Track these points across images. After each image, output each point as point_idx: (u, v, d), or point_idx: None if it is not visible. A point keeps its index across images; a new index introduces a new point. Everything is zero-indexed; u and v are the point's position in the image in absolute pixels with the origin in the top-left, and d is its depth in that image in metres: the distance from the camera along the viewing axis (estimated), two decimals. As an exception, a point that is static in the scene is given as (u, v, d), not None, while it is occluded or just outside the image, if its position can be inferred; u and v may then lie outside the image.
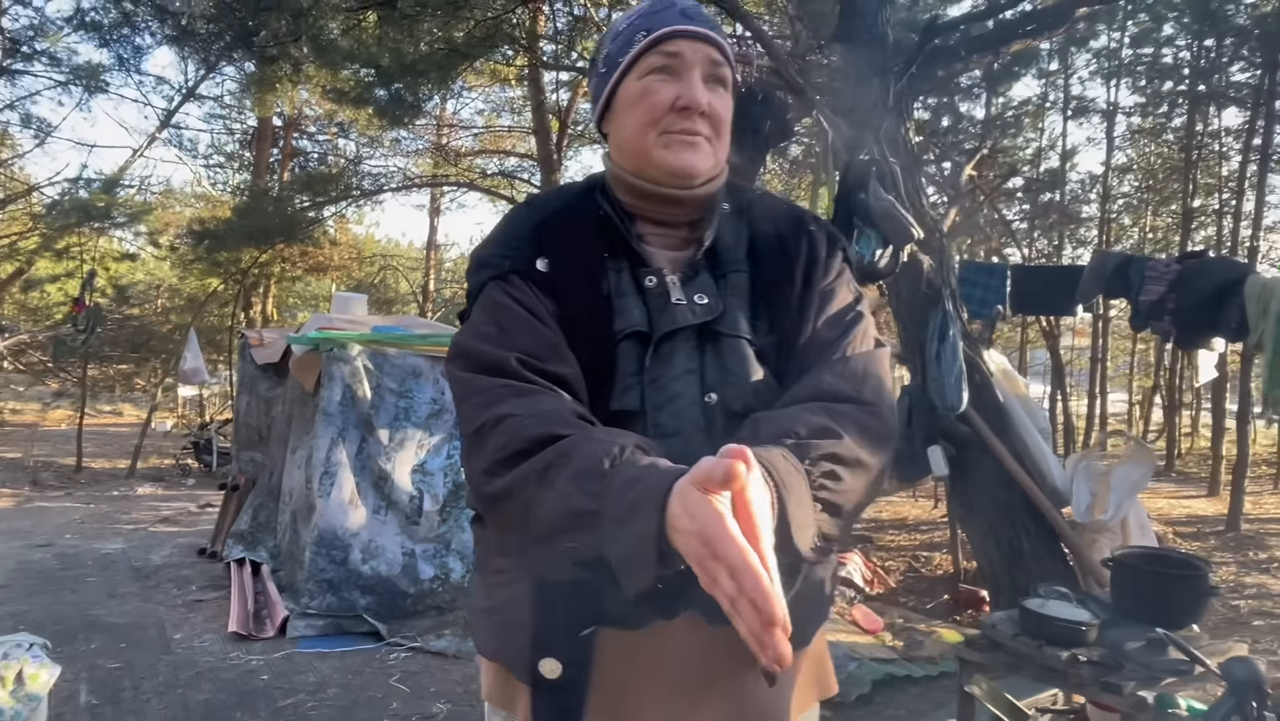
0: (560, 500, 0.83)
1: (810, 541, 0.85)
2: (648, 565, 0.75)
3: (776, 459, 0.84)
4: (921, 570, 6.27)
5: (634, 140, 1.08)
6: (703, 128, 1.07)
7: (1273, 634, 5.01)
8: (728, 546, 0.68)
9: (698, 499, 0.72)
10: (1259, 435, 16.29)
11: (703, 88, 1.06)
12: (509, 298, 1.05)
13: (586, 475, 0.82)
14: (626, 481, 0.79)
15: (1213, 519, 8.53)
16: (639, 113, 1.07)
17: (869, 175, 4.01)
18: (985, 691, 2.82)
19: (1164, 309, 4.10)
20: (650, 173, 1.08)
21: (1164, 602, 2.67)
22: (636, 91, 1.08)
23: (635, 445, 0.85)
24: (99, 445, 13.14)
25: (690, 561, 0.72)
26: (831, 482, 0.90)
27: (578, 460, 0.84)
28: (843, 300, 1.13)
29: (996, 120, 12.51)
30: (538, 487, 0.86)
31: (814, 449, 0.90)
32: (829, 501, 0.89)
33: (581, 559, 0.84)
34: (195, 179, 18.72)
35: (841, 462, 0.92)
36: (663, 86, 1.06)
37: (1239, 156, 11.46)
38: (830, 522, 0.89)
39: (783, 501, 0.80)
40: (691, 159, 1.07)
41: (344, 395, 4.97)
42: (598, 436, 0.87)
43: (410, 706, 3.73)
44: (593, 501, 0.80)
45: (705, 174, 1.09)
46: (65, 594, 5.30)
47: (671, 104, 1.06)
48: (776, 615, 0.66)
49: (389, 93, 9.01)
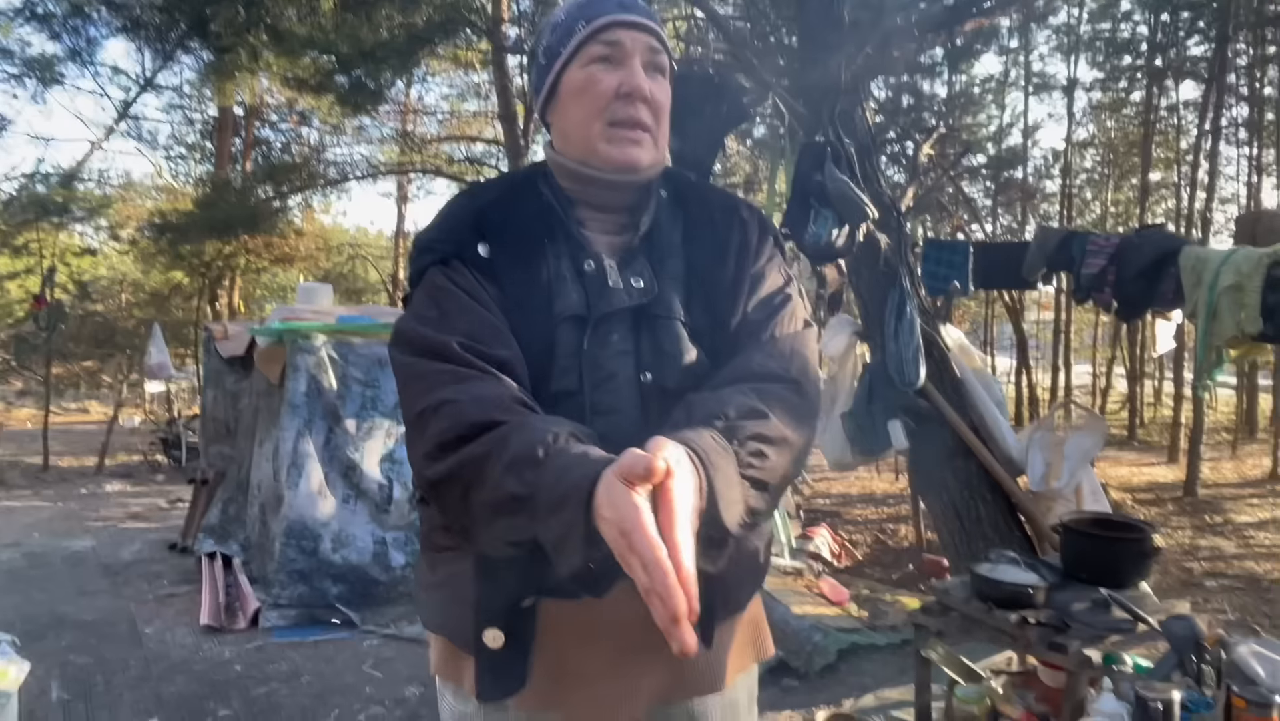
0: (497, 486, 0.86)
1: (739, 517, 0.89)
2: (576, 550, 0.80)
3: (705, 440, 0.88)
4: (887, 542, 6.39)
5: (579, 129, 1.12)
6: (645, 115, 1.11)
7: (1224, 593, 5.18)
8: (641, 541, 0.72)
9: (620, 492, 0.75)
10: (1219, 403, 16.68)
11: (644, 75, 1.10)
12: (450, 282, 1.07)
13: (522, 462, 0.85)
14: (559, 469, 0.83)
15: (1171, 485, 8.75)
16: (584, 101, 1.11)
17: (824, 156, 4.05)
18: (941, 655, 2.91)
19: (1105, 281, 4.22)
20: (594, 161, 1.12)
21: (1110, 565, 2.76)
22: (579, 81, 1.11)
23: (570, 433, 0.88)
24: (66, 443, 12.96)
25: (611, 547, 0.76)
26: (758, 460, 0.94)
27: (514, 447, 0.87)
28: (773, 284, 1.17)
29: (959, 98, 12.63)
30: (476, 473, 0.89)
31: (742, 429, 0.94)
32: (756, 478, 0.93)
33: (517, 540, 0.88)
34: (156, 171, 18.41)
35: (768, 441, 0.96)
36: (605, 75, 1.10)
37: (1195, 130, 11.67)
38: (758, 497, 0.93)
39: (711, 481, 0.84)
40: (635, 153, 1.11)
41: (309, 386, 4.97)
42: (534, 424, 0.90)
43: (384, 691, 3.77)
44: (527, 488, 0.84)
45: (648, 165, 1.13)
46: (34, 592, 5.27)
47: (615, 91, 1.09)
48: (680, 611, 0.70)
49: (350, 79, 8.89)
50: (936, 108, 11.97)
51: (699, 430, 0.90)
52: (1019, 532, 4.57)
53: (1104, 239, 4.32)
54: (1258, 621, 4.52)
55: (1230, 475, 9.63)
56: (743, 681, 1.24)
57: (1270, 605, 4.95)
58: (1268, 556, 6.05)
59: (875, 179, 4.91)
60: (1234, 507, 7.69)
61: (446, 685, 1.18)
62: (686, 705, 1.18)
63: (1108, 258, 4.20)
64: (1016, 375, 13.74)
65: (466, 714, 1.15)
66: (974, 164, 13.66)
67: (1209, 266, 3.84)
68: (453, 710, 1.17)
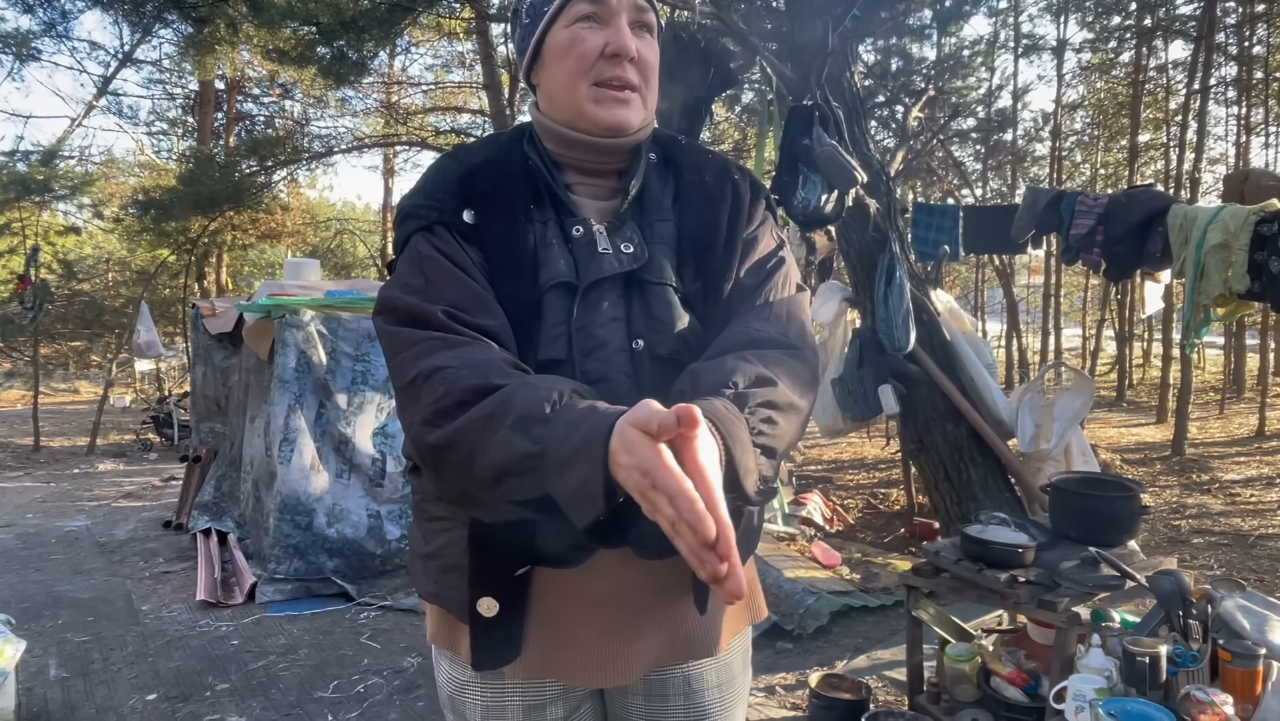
0: (505, 445, 0.85)
1: (755, 485, 0.88)
2: (595, 500, 0.79)
3: (719, 409, 0.87)
4: (879, 506, 6.44)
5: (566, 91, 1.09)
6: (632, 75, 1.08)
7: (1210, 550, 5.25)
8: (665, 476, 0.72)
9: (635, 436, 0.75)
10: (1207, 363, 16.80)
11: (630, 34, 1.07)
12: (435, 250, 1.05)
13: (530, 419, 0.84)
14: (569, 424, 0.82)
15: (1160, 445, 8.83)
16: (570, 62, 1.07)
17: (812, 120, 4.03)
18: (932, 615, 2.95)
19: (1094, 241, 4.22)
20: (582, 124, 1.09)
21: (1099, 523, 2.78)
22: (565, 40, 1.08)
23: (573, 390, 0.88)
24: (56, 424, 12.93)
25: (633, 492, 0.75)
26: (768, 428, 0.93)
27: (520, 406, 0.86)
28: (765, 247, 1.15)
29: (948, 61, 12.53)
30: (481, 435, 0.88)
31: (752, 397, 0.93)
32: (766, 446, 0.92)
33: (525, 499, 0.87)
34: (138, 147, 18.21)
35: (776, 408, 0.95)
36: (590, 34, 1.06)
37: (1184, 90, 11.63)
38: (768, 465, 0.93)
39: (730, 451, 0.83)
40: (624, 114, 1.08)
41: (299, 361, 4.95)
42: (535, 383, 0.89)
43: (381, 661, 3.80)
44: (537, 444, 0.83)
45: (636, 126, 1.10)
46: (29, 572, 5.28)
47: (601, 51, 1.06)
48: (710, 534, 0.70)
49: (332, 51, 8.74)
50: (925, 70, 11.88)
51: (709, 400, 0.89)
52: (1009, 494, 4.61)
53: (1092, 199, 4.31)
54: (1243, 576, 4.58)
55: (1217, 434, 9.72)
56: (737, 644, 1.24)
57: (1255, 560, 5.02)
58: (1253, 513, 6.13)
59: (864, 143, 4.89)
60: (1221, 466, 7.77)
61: (443, 653, 1.19)
62: (682, 669, 1.18)
63: (1096, 218, 4.20)
64: (1007, 339, 13.81)
65: (463, 681, 1.15)
66: (963, 127, 13.61)
67: (1196, 225, 3.84)
68: (449, 677, 1.18)
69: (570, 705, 1.18)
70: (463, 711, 1.17)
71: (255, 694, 3.50)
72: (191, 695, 3.50)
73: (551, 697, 1.15)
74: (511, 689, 1.14)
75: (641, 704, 1.19)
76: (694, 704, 1.19)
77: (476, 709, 1.15)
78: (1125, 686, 2.09)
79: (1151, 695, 2.04)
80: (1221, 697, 1.93)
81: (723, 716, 1.22)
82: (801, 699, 3.26)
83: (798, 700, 3.27)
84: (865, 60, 9.98)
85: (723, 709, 1.21)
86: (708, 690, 1.20)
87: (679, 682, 1.19)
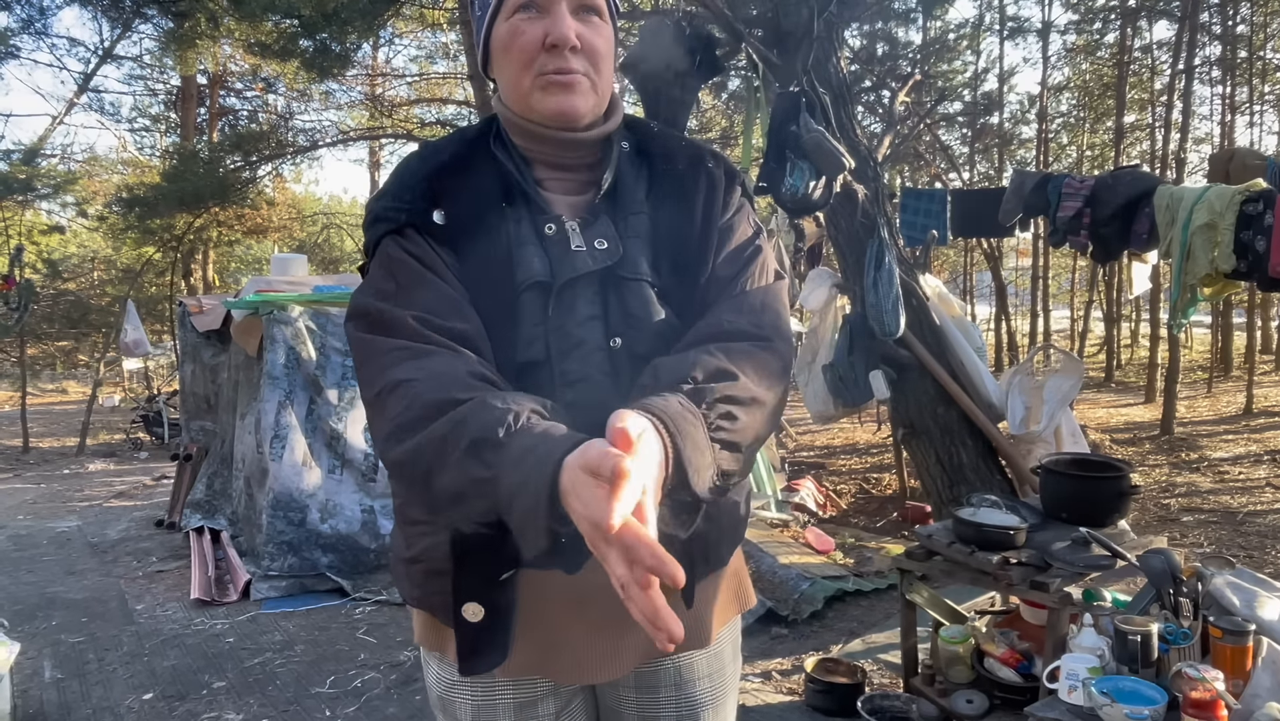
0: (458, 469, 0.84)
1: (709, 482, 0.87)
2: (541, 533, 0.78)
3: (673, 406, 0.86)
4: (871, 491, 6.47)
5: (513, 86, 1.06)
6: (577, 64, 1.04)
7: (1200, 528, 5.29)
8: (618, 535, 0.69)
9: (585, 482, 0.73)
10: (1195, 342, 16.90)
11: (571, 21, 1.03)
12: (405, 253, 1.02)
13: (481, 444, 0.82)
14: (521, 450, 0.80)
15: (1148, 424, 8.89)
16: (512, 56, 1.05)
17: (799, 107, 4.02)
18: (926, 598, 2.96)
19: (1080, 223, 4.22)
20: (533, 116, 1.06)
21: (1089, 504, 2.80)
22: (505, 34, 1.05)
23: (531, 410, 0.85)
24: (45, 424, 12.86)
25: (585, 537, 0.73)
26: (728, 423, 0.92)
27: (474, 428, 0.84)
28: (741, 235, 1.13)
29: (934, 44, 12.52)
30: (437, 455, 0.86)
31: (710, 392, 0.91)
32: (727, 440, 0.91)
33: (484, 521, 0.87)
34: (121, 144, 18.08)
35: (737, 403, 0.94)
36: (529, 26, 1.03)
37: (1169, 70, 11.65)
38: (730, 459, 0.92)
39: (678, 449, 0.82)
40: (570, 100, 1.04)
41: (288, 357, 4.93)
42: (493, 402, 0.86)
43: (378, 656, 3.81)
44: (489, 469, 0.81)
45: (586, 113, 1.06)
46: (21, 574, 5.25)
47: (541, 42, 1.02)
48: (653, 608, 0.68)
49: (314, 43, 8.69)
50: (911, 55, 11.86)
51: (665, 396, 0.88)
52: (1000, 476, 4.64)
53: (1079, 181, 4.32)
54: (1232, 553, 4.63)
55: (1206, 413, 9.79)
56: (726, 634, 1.24)
57: (1245, 537, 5.07)
58: (1242, 490, 6.18)
59: (851, 129, 4.89)
60: (1209, 444, 7.83)
61: (431, 655, 1.17)
62: (673, 661, 1.18)
63: (1083, 200, 4.21)
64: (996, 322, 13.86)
65: (453, 681, 1.14)
66: (950, 111, 13.60)
67: (1183, 205, 3.85)
68: (439, 677, 1.16)
69: (561, 700, 1.17)
70: (453, 711, 1.15)
71: (252, 691, 3.50)
72: (188, 693, 3.50)
73: (542, 694, 1.15)
74: (502, 687, 1.13)
75: (633, 696, 1.19)
76: (685, 694, 1.19)
77: (467, 708, 1.14)
78: (1117, 665, 2.11)
79: (1144, 673, 2.06)
80: (1213, 674, 1.95)
81: (714, 705, 1.22)
82: (797, 683, 3.28)
83: (794, 685, 3.29)
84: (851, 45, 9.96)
85: (714, 698, 1.22)
86: (698, 680, 1.20)
87: (670, 674, 1.18)
